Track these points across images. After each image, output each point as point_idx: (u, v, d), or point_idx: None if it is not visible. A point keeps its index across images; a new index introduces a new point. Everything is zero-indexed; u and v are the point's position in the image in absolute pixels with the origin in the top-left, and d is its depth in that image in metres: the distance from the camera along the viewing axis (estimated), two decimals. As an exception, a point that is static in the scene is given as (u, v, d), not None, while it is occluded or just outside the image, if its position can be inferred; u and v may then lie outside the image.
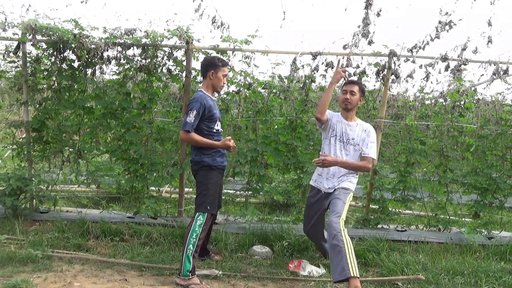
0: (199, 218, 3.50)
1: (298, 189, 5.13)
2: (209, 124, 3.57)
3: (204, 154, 3.57)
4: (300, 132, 4.91)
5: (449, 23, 4.43)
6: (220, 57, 3.80)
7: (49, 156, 4.98)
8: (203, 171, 3.58)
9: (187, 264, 3.41)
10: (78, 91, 4.88)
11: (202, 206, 3.52)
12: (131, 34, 4.61)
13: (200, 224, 3.47)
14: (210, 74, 3.60)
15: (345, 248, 3.23)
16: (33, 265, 3.67)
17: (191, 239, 3.44)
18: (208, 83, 3.63)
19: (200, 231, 3.46)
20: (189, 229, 3.47)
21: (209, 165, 3.56)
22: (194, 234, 3.45)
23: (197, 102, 3.49)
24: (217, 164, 3.60)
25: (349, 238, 3.32)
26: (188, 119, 3.46)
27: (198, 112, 3.47)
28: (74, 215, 4.76)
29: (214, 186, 3.57)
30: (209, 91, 3.65)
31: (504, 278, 3.64)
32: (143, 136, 4.93)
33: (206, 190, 3.54)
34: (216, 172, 3.60)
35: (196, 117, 3.47)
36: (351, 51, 4.51)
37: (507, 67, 4.59)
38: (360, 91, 3.77)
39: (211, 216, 3.63)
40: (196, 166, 3.61)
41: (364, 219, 4.85)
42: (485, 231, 4.75)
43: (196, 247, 3.44)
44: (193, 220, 3.51)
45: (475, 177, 4.79)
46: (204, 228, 3.50)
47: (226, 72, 3.68)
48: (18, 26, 4.51)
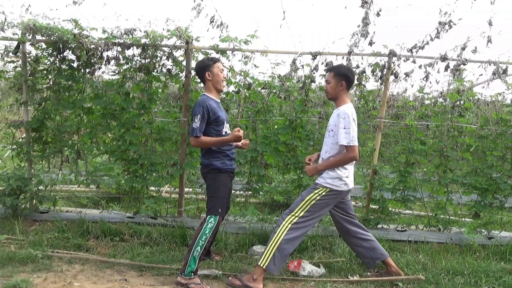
0: (210, 221, 3.47)
1: (298, 189, 5.13)
2: (217, 128, 3.54)
3: (213, 157, 3.55)
4: (300, 132, 4.90)
5: (449, 23, 4.43)
6: (209, 57, 3.76)
7: (48, 156, 4.97)
8: (212, 174, 3.56)
9: (192, 264, 3.41)
10: (78, 91, 4.88)
11: (213, 209, 3.50)
12: (130, 34, 4.60)
13: (211, 227, 3.46)
14: (207, 75, 3.58)
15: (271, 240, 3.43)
16: (33, 265, 3.67)
17: (200, 241, 3.42)
18: (208, 85, 3.61)
19: (210, 234, 3.46)
20: (199, 231, 3.45)
21: (218, 168, 3.54)
22: (204, 237, 3.43)
23: (199, 106, 3.47)
24: (226, 168, 3.57)
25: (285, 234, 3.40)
26: (194, 125, 3.44)
27: (203, 115, 3.44)
28: (74, 215, 4.76)
29: (223, 188, 3.55)
30: (213, 93, 3.62)
31: (504, 278, 3.64)
32: (142, 136, 4.93)
33: (216, 193, 3.53)
34: (225, 175, 3.58)
35: (202, 120, 3.44)
36: (351, 51, 4.51)
37: (506, 67, 4.59)
38: (336, 76, 3.50)
39: (222, 219, 3.61)
40: (206, 169, 3.59)
41: (364, 219, 4.85)
42: (485, 231, 4.75)
43: (204, 249, 3.43)
44: (204, 222, 3.49)
45: (475, 177, 4.79)
46: (214, 231, 3.49)
47: (221, 66, 3.62)
48: (18, 26, 4.51)
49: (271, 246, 3.41)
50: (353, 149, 3.36)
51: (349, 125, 3.36)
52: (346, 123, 3.36)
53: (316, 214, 3.48)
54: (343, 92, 3.52)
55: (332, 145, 3.50)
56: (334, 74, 3.52)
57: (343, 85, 3.50)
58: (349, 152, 3.37)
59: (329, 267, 3.92)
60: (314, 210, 3.45)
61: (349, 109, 3.44)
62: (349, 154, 3.37)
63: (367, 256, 3.69)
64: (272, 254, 3.40)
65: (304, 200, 3.45)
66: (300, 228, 3.44)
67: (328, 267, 3.92)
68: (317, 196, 3.44)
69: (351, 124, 3.37)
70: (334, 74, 3.53)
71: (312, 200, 3.44)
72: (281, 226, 3.44)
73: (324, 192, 3.45)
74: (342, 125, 3.37)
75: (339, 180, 3.45)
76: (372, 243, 3.68)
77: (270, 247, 3.42)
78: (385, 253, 3.69)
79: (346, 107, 3.45)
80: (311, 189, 3.51)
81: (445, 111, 4.95)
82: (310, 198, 3.44)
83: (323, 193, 3.45)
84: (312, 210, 3.44)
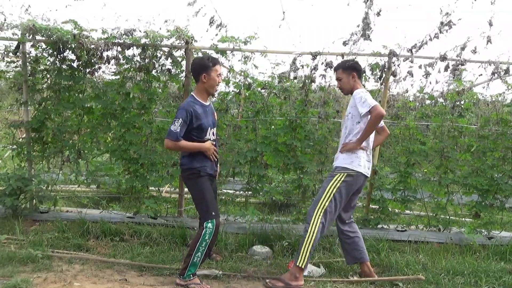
0: (208, 226, 3.35)
1: (298, 189, 5.13)
2: (198, 134, 3.41)
3: (195, 159, 3.42)
4: (300, 132, 4.90)
5: (449, 23, 4.43)
6: (210, 56, 3.57)
7: (49, 156, 4.98)
8: (193, 180, 3.44)
9: (192, 269, 3.38)
10: (78, 91, 4.88)
11: (207, 214, 3.39)
12: (130, 34, 4.61)
13: (210, 232, 3.35)
14: (203, 77, 3.39)
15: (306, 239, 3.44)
16: (33, 265, 3.67)
17: (200, 247, 3.34)
18: (200, 87, 3.44)
19: (210, 239, 3.37)
20: (199, 237, 3.35)
21: (197, 171, 3.41)
22: (204, 243, 3.34)
23: (183, 109, 3.32)
24: (205, 171, 3.44)
25: (317, 231, 3.42)
26: (174, 128, 3.28)
27: (185, 120, 3.30)
28: (74, 215, 4.76)
29: (208, 192, 3.44)
30: (202, 96, 3.47)
31: (504, 278, 3.64)
32: (143, 136, 4.93)
33: (203, 197, 3.41)
34: (205, 178, 3.45)
35: (183, 126, 3.29)
36: (351, 51, 4.51)
37: (507, 67, 4.59)
38: (345, 71, 3.65)
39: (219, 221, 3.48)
40: (185, 173, 3.47)
41: (364, 219, 4.85)
42: (485, 231, 4.75)
43: (204, 255, 3.38)
44: (202, 229, 3.36)
45: (475, 178, 4.78)
46: (215, 234, 3.39)
47: (219, 70, 3.45)
48: (18, 26, 4.51)
49: (307, 245, 3.43)
50: (375, 107, 3.42)
51: (364, 98, 3.48)
52: (361, 96, 3.50)
53: (341, 200, 3.54)
54: (356, 83, 3.67)
55: (352, 126, 3.58)
56: (343, 70, 3.67)
57: (354, 76, 3.65)
58: (373, 111, 3.42)
59: (329, 267, 3.93)
60: (338, 196, 3.51)
61: (362, 90, 3.60)
62: (374, 113, 3.41)
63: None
64: (309, 253, 3.43)
65: (327, 189, 3.50)
66: (328, 218, 3.49)
67: (328, 267, 3.92)
68: (337, 182, 3.51)
69: (366, 94, 3.51)
70: (342, 70, 3.67)
71: (335, 187, 3.50)
72: (312, 223, 3.45)
73: (343, 177, 3.51)
74: (358, 100, 3.50)
75: (353, 162, 3.53)
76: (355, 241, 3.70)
77: (305, 246, 3.43)
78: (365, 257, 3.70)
79: (357, 90, 3.61)
80: (330, 177, 3.57)
81: (445, 111, 4.94)
82: (332, 186, 3.50)
83: (343, 178, 3.51)
84: (337, 196, 3.50)
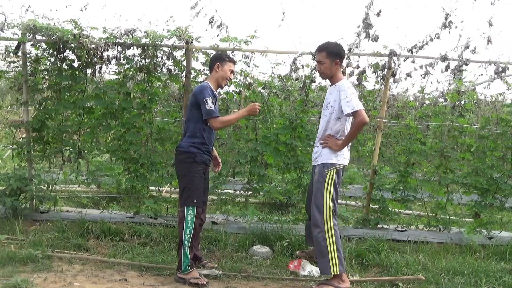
0: (189, 213, 3.50)
1: (298, 189, 5.13)
2: None
3: (194, 145, 3.55)
4: (300, 132, 4.90)
5: (449, 23, 4.43)
6: (228, 54, 3.92)
7: (49, 156, 4.98)
8: (186, 164, 3.55)
9: (186, 259, 3.48)
10: (78, 91, 4.88)
11: (189, 199, 3.51)
12: (131, 34, 4.61)
13: (192, 218, 3.49)
14: (216, 66, 3.65)
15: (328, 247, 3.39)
16: (33, 265, 3.67)
17: (186, 235, 3.49)
18: (213, 76, 3.69)
19: (193, 226, 3.50)
20: (182, 227, 3.50)
21: (193, 156, 3.53)
22: (188, 230, 3.49)
23: (206, 89, 3.53)
24: (200, 158, 3.55)
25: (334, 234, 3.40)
26: (208, 107, 3.47)
27: (212, 96, 3.52)
28: (74, 215, 4.76)
29: (199, 179, 3.55)
30: (214, 85, 3.68)
31: (504, 278, 3.64)
32: (143, 136, 4.93)
33: (190, 184, 3.52)
34: (199, 166, 3.57)
35: (213, 102, 3.51)
36: (351, 51, 4.51)
37: (505, 66, 4.59)
38: (330, 56, 3.48)
39: (201, 211, 3.65)
40: (181, 156, 3.58)
41: (364, 219, 4.85)
42: (485, 231, 4.74)
43: (190, 241, 3.50)
44: (183, 216, 3.50)
45: (475, 177, 4.78)
46: (196, 221, 3.53)
47: (232, 67, 3.73)
48: (18, 26, 4.51)
49: (332, 252, 3.38)
50: (359, 113, 3.33)
51: (350, 95, 3.38)
52: (346, 94, 3.39)
53: (337, 193, 3.56)
54: (337, 70, 3.55)
55: (332, 120, 3.51)
56: (327, 54, 3.50)
57: (337, 63, 3.52)
58: (357, 117, 3.35)
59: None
60: (335, 193, 3.51)
61: (346, 82, 3.53)
62: (358, 119, 3.35)
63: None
64: (337, 258, 3.38)
65: (324, 193, 3.46)
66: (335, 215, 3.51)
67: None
68: (331, 181, 3.49)
69: (352, 94, 3.40)
70: (326, 54, 3.50)
71: (330, 187, 3.47)
72: (326, 229, 3.41)
73: (333, 173, 3.49)
74: (343, 96, 3.40)
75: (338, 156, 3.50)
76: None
77: (331, 254, 3.37)
78: None
79: (343, 81, 3.52)
80: (322, 179, 3.49)
81: (445, 111, 4.94)
82: (328, 187, 3.47)
83: (333, 174, 3.49)
84: (334, 194, 3.50)
